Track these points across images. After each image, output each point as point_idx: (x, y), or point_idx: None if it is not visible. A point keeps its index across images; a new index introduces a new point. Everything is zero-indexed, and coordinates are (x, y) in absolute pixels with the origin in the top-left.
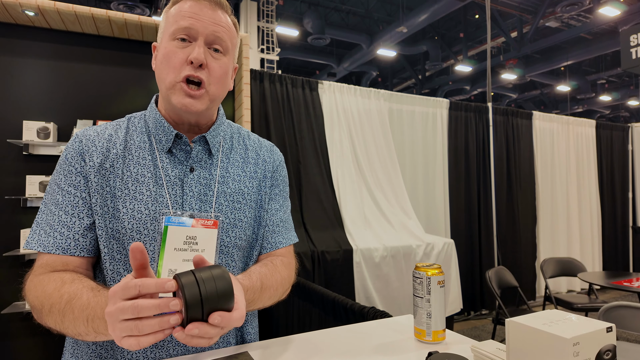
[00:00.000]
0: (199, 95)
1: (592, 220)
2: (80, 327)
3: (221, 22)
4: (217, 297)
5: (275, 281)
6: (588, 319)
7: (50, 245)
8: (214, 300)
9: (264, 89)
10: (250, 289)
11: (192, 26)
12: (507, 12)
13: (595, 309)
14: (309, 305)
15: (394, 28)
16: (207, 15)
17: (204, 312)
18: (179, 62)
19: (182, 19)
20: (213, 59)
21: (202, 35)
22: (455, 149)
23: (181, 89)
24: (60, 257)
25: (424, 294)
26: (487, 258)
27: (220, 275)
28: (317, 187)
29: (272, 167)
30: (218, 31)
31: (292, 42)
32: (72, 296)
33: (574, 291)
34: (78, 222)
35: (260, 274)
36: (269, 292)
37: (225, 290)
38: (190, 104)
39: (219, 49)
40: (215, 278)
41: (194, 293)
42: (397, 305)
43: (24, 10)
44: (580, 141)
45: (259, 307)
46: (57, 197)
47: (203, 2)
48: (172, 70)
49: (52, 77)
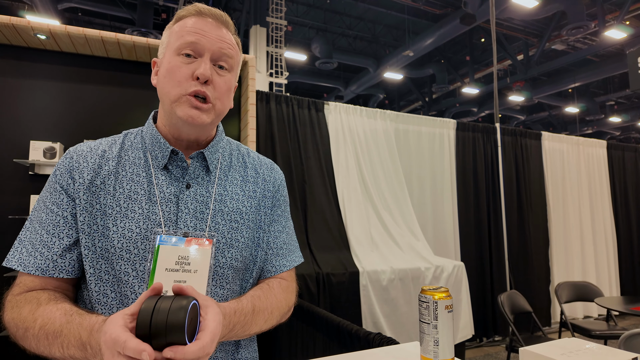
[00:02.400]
0: (206, 109)
1: (607, 243)
2: (56, 353)
3: (226, 39)
4: (165, 329)
5: (270, 304)
6: (609, 348)
7: (30, 265)
8: (161, 332)
9: (270, 109)
10: (238, 311)
11: (198, 42)
12: (512, 36)
13: (615, 337)
14: (312, 330)
15: (400, 52)
16: (212, 32)
17: (151, 342)
18: (184, 77)
19: (187, 35)
20: (218, 75)
21: (209, 52)
22: (463, 170)
23: (187, 101)
24: (39, 277)
25: (430, 320)
26: (499, 282)
27: (178, 307)
28: (322, 207)
29: (273, 187)
30: (224, 48)
31: (300, 66)
32: (45, 321)
33: (591, 317)
34: (58, 242)
35: (253, 297)
36: (263, 315)
37: (175, 323)
38: (197, 116)
39: (224, 65)
40: (171, 310)
41: (144, 322)
42: (405, 331)
43: (36, 34)
44: (592, 162)
45: (256, 331)
46: (41, 215)
47: (208, 20)
48: (177, 85)
49: (61, 98)
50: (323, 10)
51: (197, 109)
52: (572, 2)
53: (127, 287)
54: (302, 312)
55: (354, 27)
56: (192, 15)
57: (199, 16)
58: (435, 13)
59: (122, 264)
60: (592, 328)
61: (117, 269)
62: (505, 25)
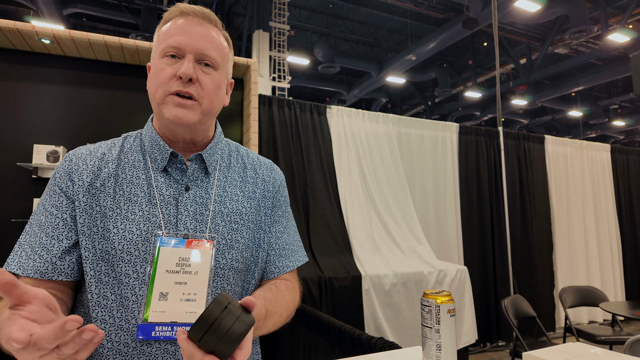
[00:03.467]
0: (190, 105)
1: (611, 247)
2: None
3: (210, 38)
4: (223, 334)
5: (280, 306)
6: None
7: (29, 268)
8: (217, 335)
9: (273, 113)
10: (255, 317)
11: (179, 43)
12: (515, 40)
13: (620, 342)
14: (315, 335)
15: (403, 56)
16: (196, 31)
17: (203, 339)
18: (167, 77)
19: (170, 37)
20: (204, 73)
21: (192, 51)
22: (466, 173)
23: (172, 100)
24: (36, 280)
25: (432, 324)
26: (503, 286)
27: (244, 321)
28: (324, 211)
29: (273, 188)
30: (207, 47)
31: (303, 70)
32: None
33: (596, 322)
34: (57, 245)
35: (265, 300)
36: (274, 319)
37: (234, 334)
38: (183, 115)
39: (209, 63)
40: (238, 319)
41: (210, 317)
42: (408, 336)
43: (40, 39)
44: (595, 165)
45: (262, 334)
46: (41, 218)
47: (193, 19)
48: (161, 86)
49: (64, 102)
50: (325, 14)
51: (181, 107)
52: (574, 6)
53: (128, 289)
54: (304, 317)
55: (356, 31)
56: (176, 16)
57: (182, 16)
58: (437, 17)
59: (122, 266)
60: (597, 333)
61: (118, 270)
62: (507, 29)
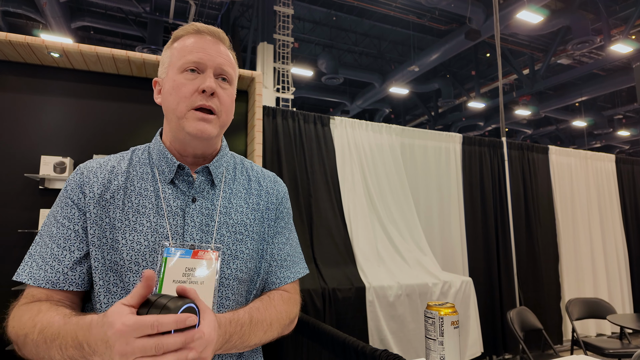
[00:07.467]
0: (211, 119)
1: (618, 258)
2: (56, 355)
3: (225, 55)
4: (161, 308)
5: (269, 315)
6: None
7: (40, 278)
8: (157, 310)
9: (277, 124)
10: (233, 321)
11: (201, 59)
12: (518, 50)
13: (628, 355)
14: (318, 347)
15: (406, 67)
16: (212, 49)
17: None
18: (189, 92)
19: (189, 53)
20: (222, 88)
21: (211, 67)
22: (470, 184)
23: (193, 115)
24: (47, 290)
25: (436, 336)
26: (508, 298)
27: (174, 306)
28: (328, 221)
29: (277, 200)
30: (224, 63)
31: (306, 81)
32: (44, 325)
33: (604, 335)
34: (68, 255)
35: (251, 308)
36: (262, 327)
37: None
38: (205, 128)
39: (226, 78)
40: (166, 306)
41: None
42: (413, 348)
43: (50, 52)
44: (600, 176)
45: (255, 343)
46: (52, 230)
47: (207, 37)
48: (183, 100)
49: (72, 114)
50: (329, 27)
51: (204, 121)
52: (576, 17)
53: None
54: (307, 328)
55: (359, 43)
56: (190, 34)
57: (197, 34)
58: (440, 29)
59: (130, 276)
60: (605, 346)
61: (126, 280)
62: (510, 40)
